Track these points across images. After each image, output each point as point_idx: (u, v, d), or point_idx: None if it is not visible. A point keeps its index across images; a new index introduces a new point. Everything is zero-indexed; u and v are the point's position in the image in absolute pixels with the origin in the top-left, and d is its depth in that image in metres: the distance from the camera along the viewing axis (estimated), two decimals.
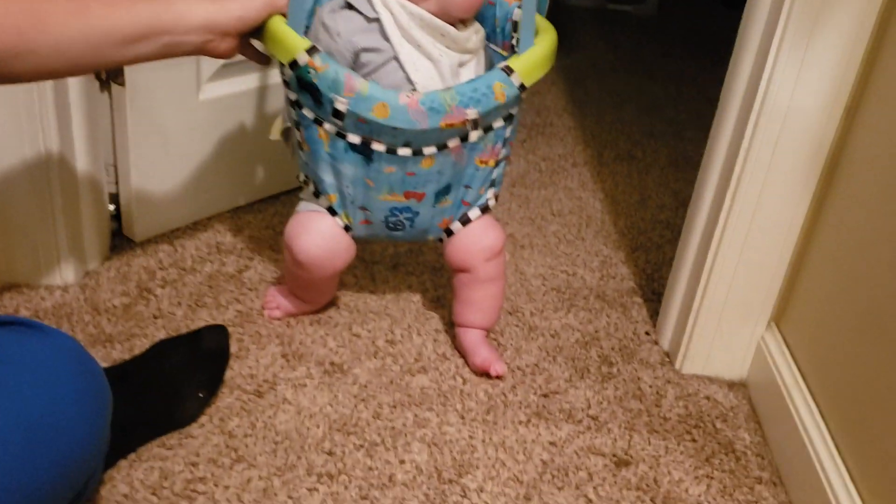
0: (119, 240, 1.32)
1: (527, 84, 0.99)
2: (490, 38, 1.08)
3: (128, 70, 1.19)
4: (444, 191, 1.05)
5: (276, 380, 1.09)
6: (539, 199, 1.62)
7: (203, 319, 1.18)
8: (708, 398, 1.14)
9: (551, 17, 1.07)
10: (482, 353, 1.14)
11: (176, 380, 0.99)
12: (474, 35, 1.03)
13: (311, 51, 0.96)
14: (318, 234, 1.10)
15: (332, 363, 1.14)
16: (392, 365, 1.15)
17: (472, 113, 0.96)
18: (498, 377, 1.13)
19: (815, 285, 1.07)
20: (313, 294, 1.20)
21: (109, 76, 1.21)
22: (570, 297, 1.33)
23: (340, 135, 0.99)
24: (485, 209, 1.11)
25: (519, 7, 1.04)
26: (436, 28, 0.99)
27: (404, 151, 0.98)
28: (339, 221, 1.09)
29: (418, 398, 1.09)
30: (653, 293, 1.35)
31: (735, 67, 1.09)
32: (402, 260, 1.37)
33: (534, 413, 1.09)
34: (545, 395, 1.12)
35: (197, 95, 1.30)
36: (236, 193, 1.43)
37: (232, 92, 1.34)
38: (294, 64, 0.97)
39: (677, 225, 1.56)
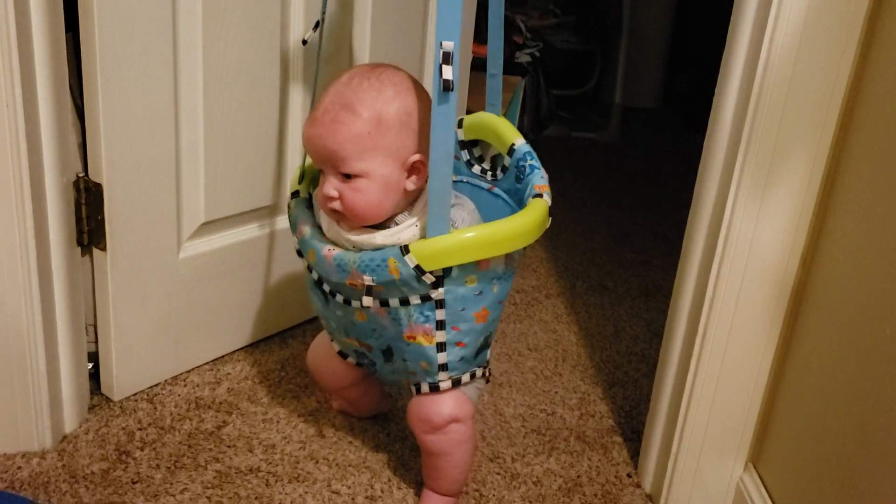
0: (97, 398, 1.32)
1: (425, 268, 0.96)
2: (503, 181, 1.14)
3: (109, 235, 1.22)
4: (388, 353, 1.10)
5: None
6: (515, 333, 1.64)
7: (182, 482, 1.17)
8: None
9: None
10: None
11: None
12: (380, 239, 1.01)
13: (294, 195, 1.14)
14: (316, 351, 1.25)
15: None
16: None
17: (367, 279, 0.99)
18: None
19: (787, 425, 1.08)
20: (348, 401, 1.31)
21: (91, 241, 1.23)
22: (551, 438, 1.33)
23: (310, 268, 1.11)
24: (434, 388, 1.07)
25: (536, 197, 1.04)
26: (342, 237, 1.05)
27: (339, 298, 1.07)
28: (335, 346, 1.19)
29: None
30: (632, 432, 1.36)
31: (695, 218, 1.13)
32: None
33: None
34: None
35: (177, 254, 1.32)
36: (214, 346, 1.44)
37: (210, 249, 1.37)
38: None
39: (652, 357, 1.59)
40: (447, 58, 0.87)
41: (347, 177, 1.01)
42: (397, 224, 1.04)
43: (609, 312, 1.74)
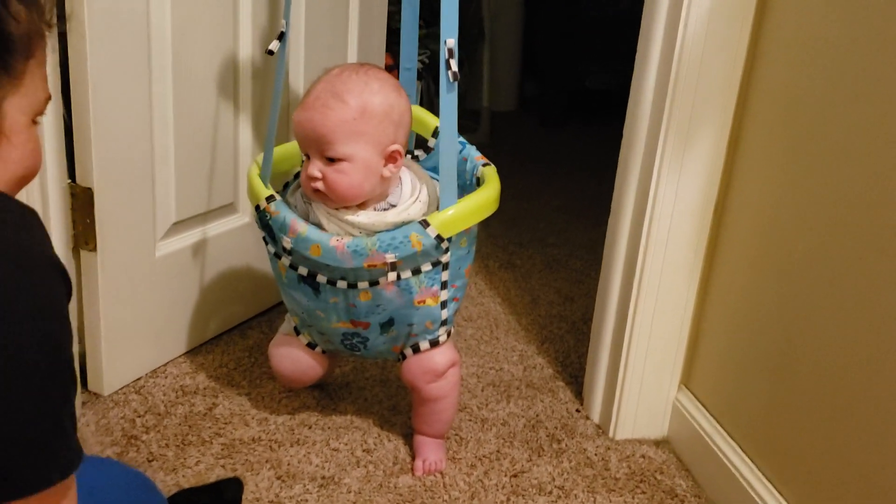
0: (86, 395, 1.39)
1: (444, 235, 1.12)
2: (463, 188, 1.24)
3: (99, 236, 1.30)
4: (388, 323, 1.20)
5: (280, 499, 1.21)
6: None
7: (194, 456, 1.27)
8: (643, 456, 1.37)
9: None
10: (423, 454, 1.30)
11: None
12: (391, 218, 1.14)
13: (270, 199, 1.18)
14: (286, 358, 1.32)
15: (323, 477, 1.26)
16: (375, 471, 1.29)
17: (390, 257, 1.11)
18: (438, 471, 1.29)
19: (713, 345, 1.33)
20: None
21: (78, 244, 1.31)
22: (505, 388, 1.53)
23: (293, 267, 1.18)
24: (435, 343, 1.23)
25: (484, 165, 1.24)
26: (349, 222, 1.15)
27: (342, 284, 1.16)
28: (303, 339, 1.29)
29: (409, 496, 1.24)
30: (570, 377, 1.58)
31: (623, 180, 1.35)
32: (350, 378, 1.52)
33: (511, 492, 1.26)
34: (514, 476, 1.30)
35: (154, 253, 1.41)
36: (186, 340, 1.53)
37: (181, 247, 1.47)
38: (257, 207, 1.19)
39: (568, 317, 1.82)
40: (451, 52, 1.05)
41: (331, 160, 1.12)
42: (392, 205, 1.17)
43: (523, 284, 1.96)
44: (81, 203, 1.29)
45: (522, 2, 3.36)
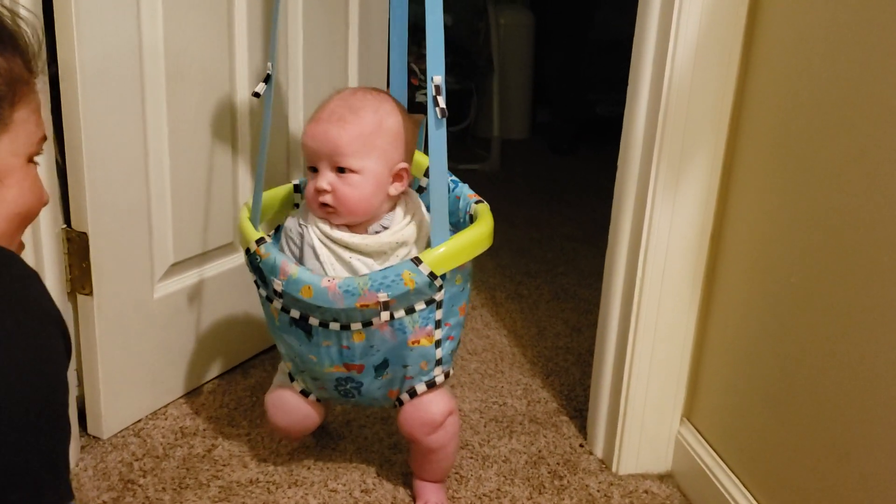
0: (85, 438, 1.39)
1: (437, 272, 1.10)
2: (456, 226, 1.24)
3: (95, 280, 1.30)
4: (383, 365, 1.17)
5: None
6: None
7: (190, 500, 1.27)
8: (647, 492, 1.34)
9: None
10: (423, 496, 1.29)
11: None
12: (386, 238, 1.17)
13: (260, 241, 1.18)
14: (282, 411, 1.29)
15: None
16: None
17: (382, 296, 1.09)
18: None
19: (714, 377, 1.30)
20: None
21: (74, 288, 1.32)
22: (508, 424, 1.51)
23: (285, 310, 1.17)
24: (431, 385, 1.20)
25: (477, 203, 1.23)
26: (342, 243, 1.16)
27: (335, 326, 1.15)
28: (296, 386, 1.26)
29: None
30: (575, 410, 1.56)
31: (619, 212, 1.34)
32: (351, 416, 1.51)
33: None
34: None
35: (152, 295, 1.42)
36: (186, 380, 1.53)
37: (180, 288, 1.47)
38: (247, 250, 1.19)
39: (575, 349, 1.80)
40: (438, 89, 1.05)
41: (341, 172, 1.14)
42: (384, 227, 1.18)
43: (529, 316, 1.94)
44: (77, 248, 1.30)
45: (532, 31, 3.37)
